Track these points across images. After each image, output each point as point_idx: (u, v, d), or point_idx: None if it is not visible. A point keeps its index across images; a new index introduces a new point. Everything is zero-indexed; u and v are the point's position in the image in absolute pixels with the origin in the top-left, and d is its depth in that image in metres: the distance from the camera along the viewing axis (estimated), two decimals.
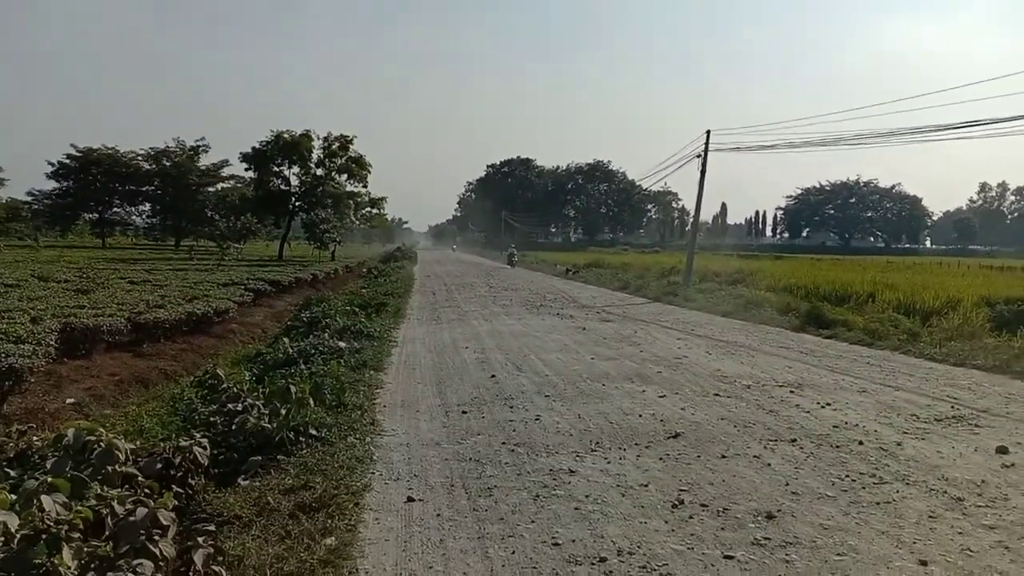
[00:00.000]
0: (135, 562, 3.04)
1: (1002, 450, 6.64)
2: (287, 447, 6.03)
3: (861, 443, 6.85)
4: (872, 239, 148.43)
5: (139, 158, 65.89)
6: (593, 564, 4.20)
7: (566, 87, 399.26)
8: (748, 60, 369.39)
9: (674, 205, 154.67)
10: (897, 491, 5.52)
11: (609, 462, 6.17)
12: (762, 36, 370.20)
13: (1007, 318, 15.55)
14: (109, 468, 4.05)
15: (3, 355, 7.85)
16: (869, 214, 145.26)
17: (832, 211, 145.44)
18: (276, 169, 52.17)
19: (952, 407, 8.49)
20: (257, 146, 50.90)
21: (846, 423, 7.64)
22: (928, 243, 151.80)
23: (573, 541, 4.52)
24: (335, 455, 5.96)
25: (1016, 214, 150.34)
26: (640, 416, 7.84)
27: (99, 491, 3.73)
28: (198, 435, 5.64)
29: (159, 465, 4.74)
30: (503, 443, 6.75)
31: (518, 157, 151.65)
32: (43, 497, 3.30)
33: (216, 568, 3.53)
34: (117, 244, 67.43)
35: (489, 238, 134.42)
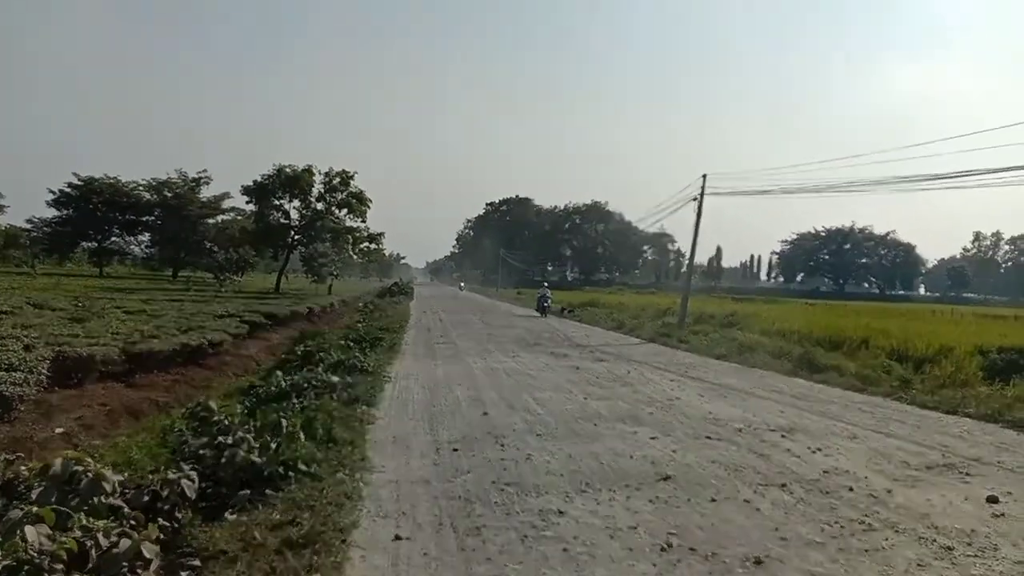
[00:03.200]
0: None
1: (992, 499, 6.63)
2: (276, 482, 6.00)
3: (851, 489, 6.84)
4: (866, 285, 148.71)
5: (140, 188, 66.25)
6: None
7: (565, 128, 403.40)
8: (744, 105, 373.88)
9: (670, 247, 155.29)
10: (886, 539, 5.50)
11: (599, 503, 6.15)
12: (758, 83, 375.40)
13: (1000, 367, 15.58)
14: (96, 499, 4.03)
15: None
16: (863, 260, 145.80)
17: (827, 256, 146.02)
18: (276, 202, 52.48)
19: (943, 455, 8.48)
20: (259, 179, 51.27)
21: (837, 469, 7.63)
22: (922, 290, 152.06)
23: None
24: (324, 491, 5.92)
25: (1010, 263, 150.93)
26: (631, 457, 7.83)
27: (84, 522, 3.72)
28: (187, 467, 5.62)
29: (146, 497, 4.71)
30: (493, 482, 6.73)
31: (516, 196, 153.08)
32: (27, 528, 3.29)
33: None
34: (115, 273, 67.39)
35: (487, 276, 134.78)
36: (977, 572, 4.91)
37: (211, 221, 68.61)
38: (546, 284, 49.00)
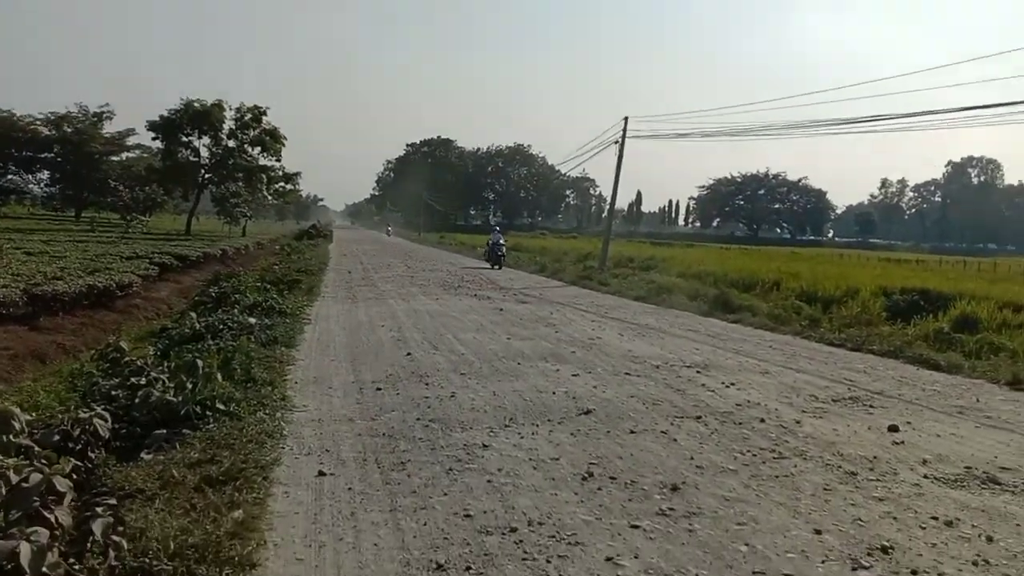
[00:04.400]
0: (29, 530, 2.92)
1: (893, 428, 7.02)
2: (193, 421, 5.86)
3: (762, 421, 7.14)
4: (779, 230, 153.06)
5: (37, 123, 62.20)
6: (504, 534, 4.26)
7: (489, 70, 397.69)
8: (669, 49, 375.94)
9: (591, 192, 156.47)
10: (795, 466, 5.78)
11: (522, 437, 6.26)
12: (681, 26, 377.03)
13: (901, 307, 16.45)
14: (4, 438, 3.86)
15: None
16: (776, 206, 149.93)
17: (742, 202, 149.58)
18: (185, 139, 50.33)
19: (848, 389, 8.92)
20: (166, 114, 48.96)
21: (749, 402, 7.94)
22: (831, 235, 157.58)
23: (485, 512, 4.57)
24: (243, 429, 5.82)
25: (914, 210, 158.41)
26: (554, 394, 7.97)
27: None
28: (99, 408, 5.43)
29: (56, 437, 4.54)
30: (417, 419, 6.75)
31: (438, 137, 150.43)
32: None
33: (116, 539, 3.41)
34: (12, 213, 63.60)
35: (408, 218, 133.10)
36: (878, 495, 5.20)
37: (115, 159, 65.09)
38: (498, 228, 38.06)
